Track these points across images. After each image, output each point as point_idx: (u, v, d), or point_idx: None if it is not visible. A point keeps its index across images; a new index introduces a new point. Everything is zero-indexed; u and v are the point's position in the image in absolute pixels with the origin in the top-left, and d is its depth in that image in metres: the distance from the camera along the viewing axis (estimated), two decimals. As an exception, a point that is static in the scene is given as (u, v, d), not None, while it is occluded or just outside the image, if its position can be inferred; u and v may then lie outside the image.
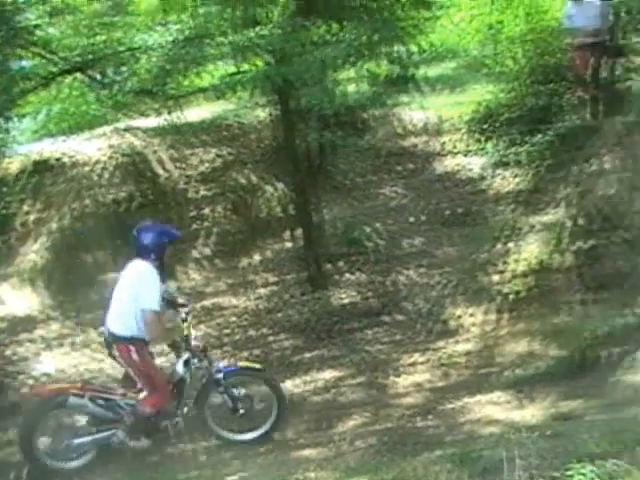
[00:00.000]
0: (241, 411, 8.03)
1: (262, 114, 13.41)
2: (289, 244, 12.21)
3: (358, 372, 9.81)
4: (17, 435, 7.82)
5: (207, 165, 13.02)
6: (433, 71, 16.21)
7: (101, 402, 7.70)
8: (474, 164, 13.34)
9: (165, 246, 7.84)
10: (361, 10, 11.80)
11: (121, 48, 10.10)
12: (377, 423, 8.39)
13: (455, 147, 13.92)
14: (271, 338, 10.63)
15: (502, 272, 10.74)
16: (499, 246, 11.18)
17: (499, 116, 13.60)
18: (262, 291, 11.46)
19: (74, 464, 7.68)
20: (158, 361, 8.22)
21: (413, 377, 9.47)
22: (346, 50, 10.36)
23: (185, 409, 7.91)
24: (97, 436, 7.66)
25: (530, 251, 10.62)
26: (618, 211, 10.21)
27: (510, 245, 11.07)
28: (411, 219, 12.75)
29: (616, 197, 10.31)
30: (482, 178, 13.02)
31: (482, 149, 13.53)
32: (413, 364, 9.77)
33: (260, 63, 11.01)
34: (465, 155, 13.66)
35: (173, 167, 12.68)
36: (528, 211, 11.50)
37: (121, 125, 13.24)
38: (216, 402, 8.16)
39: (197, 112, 13.63)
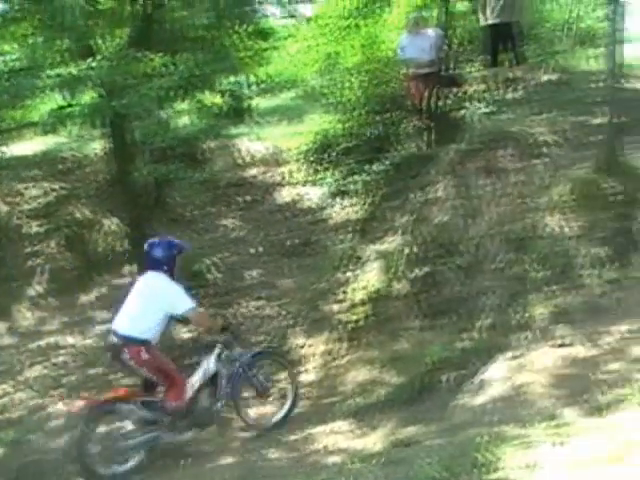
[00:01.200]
0: (270, 395, 9.04)
1: (98, 146, 13.15)
2: (127, 279, 11.93)
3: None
4: (68, 446, 8.14)
5: (41, 200, 12.68)
6: (271, 101, 16.22)
7: (145, 405, 8.14)
8: (313, 194, 13.39)
9: (175, 258, 8.45)
10: (197, 41, 11.73)
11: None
12: (223, 456, 8.31)
13: (294, 177, 13.94)
14: (111, 377, 10.33)
15: (341, 301, 10.74)
16: (338, 275, 11.17)
17: (337, 146, 13.72)
18: (100, 328, 11.14)
19: (124, 468, 8.01)
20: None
21: (257, 409, 9.30)
22: (180, 82, 10.25)
23: (222, 401, 8.50)
24: (144, 437, 8.06)
25: (368, 279, 10.67)
26: (452, 238, 10.39)
27: (349, 274, 11.08)
28: (251, 250, 12.68)
29: (450, 224, 10.48)
30: (321, 208, 13.07)
31: (321, 179, 13.59)
32: (254, 397, 9.61)
33: (93, 95, 10.80)
34: (304, 185, 13.69)
35: (2, 203, 12.27)
36: (366, 240, 11.57)
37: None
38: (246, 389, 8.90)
39: (31, 145, 13.26)
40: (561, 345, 7.81)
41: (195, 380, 8.47)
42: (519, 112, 12.08)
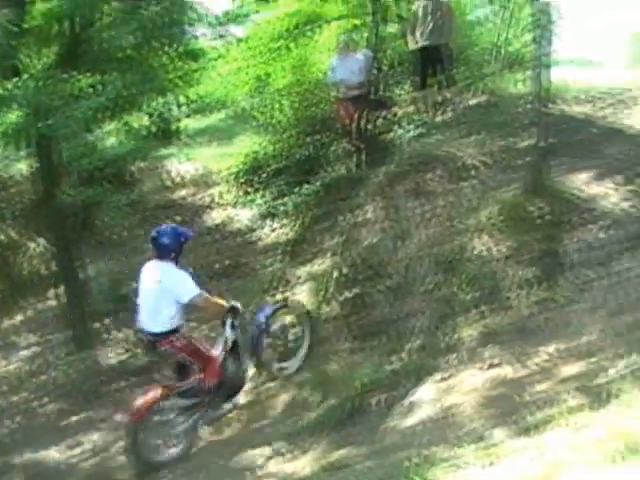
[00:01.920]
0: (290, 344, 9.65)
1: (24, 167, 12.93)
2: (53, 302, 11.74)
3: (129, 433, 9.50)
4: (124, 449, 8.70)
5: (-36, 223, 12.44)
6: (201, 122, 16.17)
7: (183, 394, 8.66)
8: (243, 216, 13.32)
9: (182, 245, 8.75)
10: (125, 61, 11.61)
11: None
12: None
13: (224, 199, 13.87)
14: (35, 403, 10.14)
15: (271, 323, 10.71)
16: (268, 298, 11.13)
17: (267, 167, 13.68)
18: (24, 353, 10.95)
19: (175, 451, 8.66)
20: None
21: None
22: (107, 103, 10.14)
23: (246, 366, 9.19)
24: (189, 424, 8.68)
25: (298, 300, 10.65)
26: (382, 260, 10.41)
27: (279, 296, 11.05)
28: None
29: (380, 246, 10.51)
30: (251, 230, 13.01)
31: (250, 200, 13.53)
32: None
33: (19, 115, 10.61)
34: (234, 207, 13.63)
35: None
36: (296, 262, 11.55)
37: None
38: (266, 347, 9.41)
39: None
40: (490, 366, 7.87)
41: (219, 353, 8.94)
42: (448, 134, 12.18)
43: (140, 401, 8.57)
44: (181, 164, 14.59)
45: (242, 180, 13.97)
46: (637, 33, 31.91)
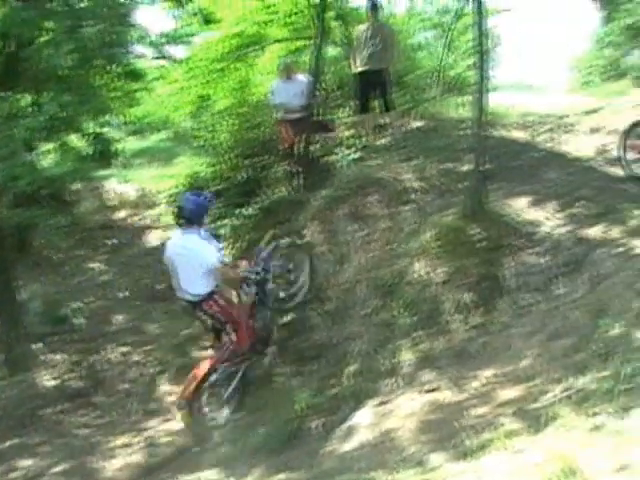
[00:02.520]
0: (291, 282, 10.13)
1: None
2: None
3: (65, 458, 9.31)
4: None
5: None
6: (142, 143, 16.08)
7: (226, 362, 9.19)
8: (183, 237, 13.21)
9: (207, 210, 9.39)
10: (64, 81, 11.47)
11: None
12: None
13: (164, 220, 13.79)
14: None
15: (210, 346, 10.60)
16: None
17: (207, 189, 13.60)
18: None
19: (226, 413, 9.31)
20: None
21: (124, 459, 9.16)
22: (45, 123, 10.01)
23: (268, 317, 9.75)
24: (235, 385, 9.31)
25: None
26: (321, 284, 10.42)
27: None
28: (119, 295, 12.46)
29: (319, 270, 10.52)
30: (191, 252, 12.91)
31: (190, 222, 13.44)
32: (123, 446, 9.43)
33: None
34: (174, 228, 13.52)
35: None
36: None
37: None
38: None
39: None
40: (428, 390, 7.86)
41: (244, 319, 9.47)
42: (388, 158, 12.23)
43: (189, 381, 9.09)
44: (121, 185, 14.48)
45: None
46: (576, 59, 32.39)
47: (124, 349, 11.36)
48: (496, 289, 8.97)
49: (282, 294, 10.20)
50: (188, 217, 9.08)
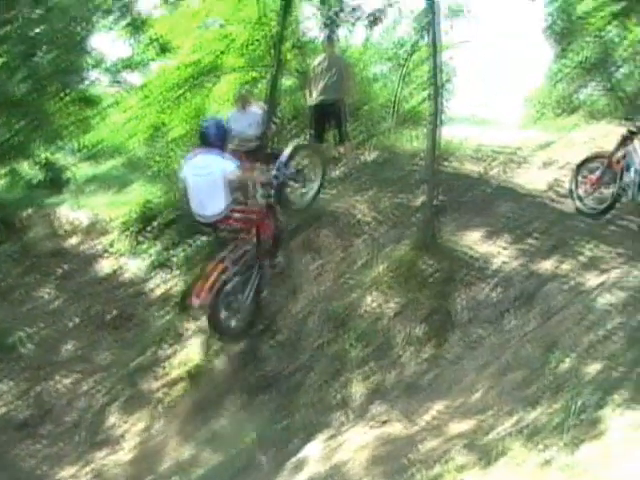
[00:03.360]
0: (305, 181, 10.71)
1: None
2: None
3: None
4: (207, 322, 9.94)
5: None
6: (96, 169, 15.97)
7: (237, 262, 9.66)
8: (134, 265, 13.11)
9: (226, 135, 10.00)
10: (19, 107, 11.38)
11: None
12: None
13: (115, 248, 13.65)
14: None
15: (161, 377, 10.53)
16: (158, 350, 10.96)
17: (160, 217, 13.54)
18: None
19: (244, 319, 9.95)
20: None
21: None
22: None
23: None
24: (252, 285, 9.78)
25: (188, 355, 10.52)
26: (274, 314, 10.37)
27: (168, 349, 10.89)
28: (70, 323, 12.28)
29: (272, 300, 10.48)
30: (142, 280, 12.80)
31: (142, 250, 13.35)
32: (71, 477, 9.41)
33: None
34: (126, 256, 13.41)
35: None
36: (185, 315, 11.33)
37: None
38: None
39: None
40: (379, 423, 7.85)
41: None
42: (342, 190, 12.25)
43: (203, 280, 9.51)
44: (73, 211, 14.34)
45: (134, 229, 13.78)
46: (530, 93, 32.76)
47: (73, 378, 11.18)
48: (448, 322, 9.00)
49: (295, 195, 10.93)
50: (211, 140, 9.63)
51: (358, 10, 14.95)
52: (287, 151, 11.12)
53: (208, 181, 9.45)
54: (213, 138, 9.67)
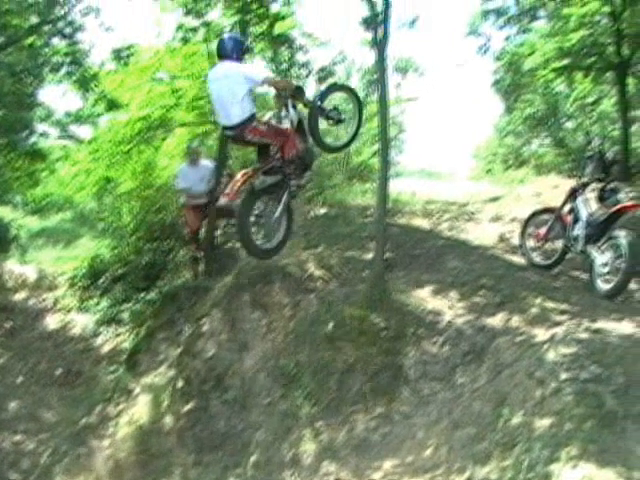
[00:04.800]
0: (342, 117, 9.98)
1: None
2: None
3: None
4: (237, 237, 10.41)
5: None
6: (45, 223, 15.83)
7: (267, 173, 9.48)
8: (83, 321, 12.98)
9: (243, 49, 9.57)
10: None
11: None
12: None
13: (64, 303, 13.51)
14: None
15: (109, 436, 10.35)
16: (106, 408, 10.79)
17: (109, 272, 13.43)
18: None
19: (275, 241, 9.77)
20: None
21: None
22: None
23: (310, 139, 9.82)
24: (282, 202, 9.60)
25: (135, 413, 10.35)
26: (222, 372, 10.24)
27: (117, 407, 10.73)
28: (16, 380, 12.07)
29: (220, 358, 10.33)
30: (91, 336, 12.67)
31: (92, 305, 13.23)
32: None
33: None
34: (75, 312, 13.28)
35: None
36: (135, 372, 11.23)
37: None
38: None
39: None
40: (328, 481, 7.78)
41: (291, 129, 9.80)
42: (291, 246, 12.21)
43: (233, 183, 9.29)
44: (20, 266, 14.18)
45: (83, 284, 13.66)
46: (479, 147, 33.26)
47: (18, 437, 10.96)
48: (398, 378, 8.95)
49: (329, 140, 10.58)
50: (229, 50, 9.46)
51: (308, 65, 15.11)
52: (327, 84, 11.23)
53: (229, 87, 9.31)
54: (230, 49, 9.53)
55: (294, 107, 9.86)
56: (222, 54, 9.53)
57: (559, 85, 23.03)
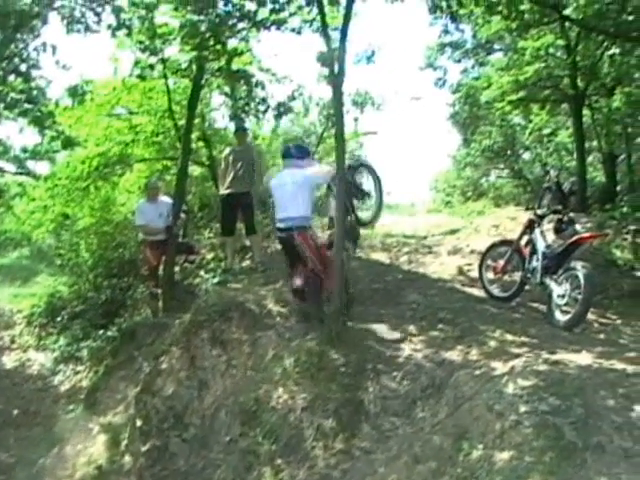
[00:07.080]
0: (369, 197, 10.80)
1: None
2: None
3: None
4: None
5: None
6: (2, 260, 15.69)
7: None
8: (41, 359, 12.82)
9: (308, 157, 10.57)
10: None
11: None
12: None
13: (21, 341, 13.35)
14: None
15: (67, 477, 10.21)
16: (64, 447, 10.66)
17: (67, 309, 13.31)
18: None
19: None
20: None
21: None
22: None
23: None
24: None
25: (94, 453, 10.23)
26: (181, 410, 10.15)
27: (71, 447, 10.60)
28: (-31, 420, 11.90)
29: (179, 395, 10.25)
30: (49, 374, 12.51)
31: (50, 343, 13.09)
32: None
33: None
34: (31, 350, 13.14)
35: None
36: (93, 411, 11.11)
37: None
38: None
39: None
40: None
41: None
42: (249, 282, 12.19)
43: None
44: (-23, 303, 14.03)
45: (41, 322, 13.53)
46: (438, 179, 33.46)
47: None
48: (358, 414, 8.89)
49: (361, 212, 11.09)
50: (293, 154, 10.41)
51: (266, 101, 15.14)
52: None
53: (293, 187, 10.04)
54: (295, 157, 10.37)
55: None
56: (289, 163, 10.44)
57: (516, 117, 23.34)
